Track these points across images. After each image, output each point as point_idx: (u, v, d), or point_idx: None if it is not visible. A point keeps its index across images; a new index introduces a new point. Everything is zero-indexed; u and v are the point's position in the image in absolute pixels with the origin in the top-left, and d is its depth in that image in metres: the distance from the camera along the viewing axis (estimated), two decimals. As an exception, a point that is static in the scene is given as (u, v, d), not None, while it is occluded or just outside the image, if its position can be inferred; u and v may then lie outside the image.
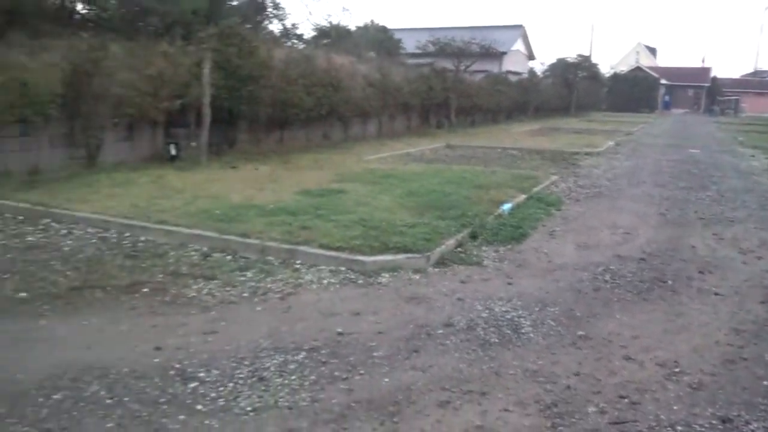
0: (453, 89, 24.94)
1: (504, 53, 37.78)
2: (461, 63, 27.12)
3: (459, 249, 6.74)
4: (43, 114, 9.64)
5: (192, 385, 3.68)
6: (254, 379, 3.79)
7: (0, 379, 3.67)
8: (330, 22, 29.49)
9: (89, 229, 7.07)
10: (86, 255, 6.15)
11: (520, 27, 44.92)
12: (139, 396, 3.53)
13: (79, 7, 18.87)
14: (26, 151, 9.88)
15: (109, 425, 3.24)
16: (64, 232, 7.00)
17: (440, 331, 4.61)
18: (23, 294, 5.07)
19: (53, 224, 7.28)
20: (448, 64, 26.31)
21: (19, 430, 3.18)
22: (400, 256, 6.12)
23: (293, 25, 27.36)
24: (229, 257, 6.18)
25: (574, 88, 44.87)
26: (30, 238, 6.72)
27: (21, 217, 7.54)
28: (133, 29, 16.67)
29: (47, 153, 10.14)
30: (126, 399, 3.50)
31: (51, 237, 6.81)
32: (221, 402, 3.52)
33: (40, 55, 10.74)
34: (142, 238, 6.75)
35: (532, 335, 4.61)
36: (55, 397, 3.51)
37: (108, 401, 3.47)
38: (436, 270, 6.08)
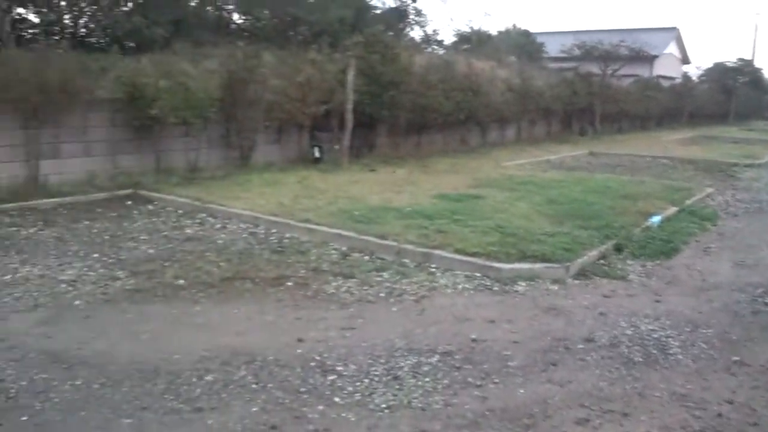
0: (598, 94, 23.89)
1: (655, 57, 35.52)
2: (608, 67, 25.90)
3: (602, 261, 6.44)
4: (203, 117, 10.46)
5: (330, 377, 3.81)
6: (389, 377, 3.86)
7: (160, 358, 4.01)
8: (471, 27, 29.37)
9: (241, 225, 7.58)
10: (237, 248, 6.59)
11: (673, 29, 42.09)
12: (282, 384, 3.72)
13: (236, 17, 20.32)
14: (187, 151, 10.77)
15: (254, 409, 3.44)
16: (218, 226, 7.55)
17: (580, 346, 4.43)
18: (181, 281, 5.52)
19: (209, 219, 7.87)
20: (593, 68, 25.24)
21: (175, 406, 3.46)
22: (538, 265, 5.95)
23: (434, 31, 27.56)
24: (366, 257, 6.35)
25: (733, 95, 41.25)
26: (188, 231, 7.31)
27: (181, 211, 8.24)
28: (284, 38, 17.67)
29: (205, 153, 10.99)
30: (270, 385, 3.69)
31: (207, 230, 7.36)
32: (357, 396, 3.61)
33: (201, 63, 11.69)
34: (288, 235, 7.11)
35: (681, 357, 4.29)
36: (207, 378, 3.78)
37: (254, 386, 3.69)
38: (576, 282, 5.85)
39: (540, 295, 5.44)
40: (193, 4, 18.21)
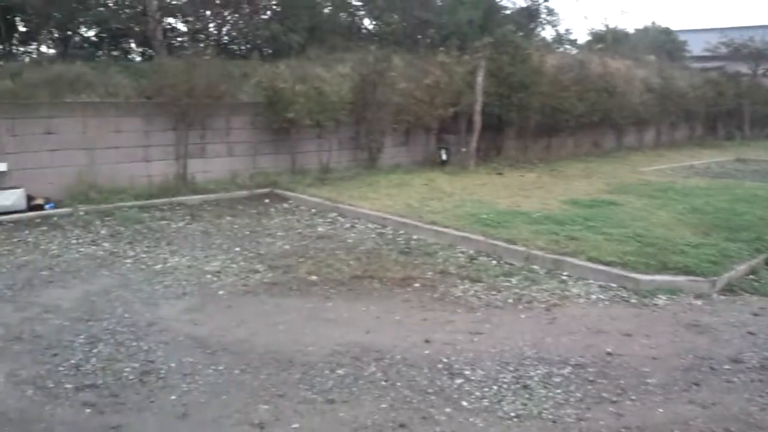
0: (748, 95, 21.99)
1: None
2: (759, 66, 23.78)
3: (751, 276, 5.93)
4: (335, 119, 10.82)
5: (458, 381, 3.79)
6: (518, 385, 3.77)
7: (295, 350, 4.19)
8: (606, 26, 28.14)
9: (369, 225, 7.75)
10: (366, 248, 6.74)
11: (838, 22, 37.83)
12: (410, 383, 3.75)
13: (366, 22, 20.82)
14: (319, 152, 11.18)
15: (383, 405, 3.50)
16: (348, 225, 7.77)
17: (726, 367, 4.09)
18: (314, 277, 5.74)
19: (339, 218, 8.13)
20: (741, 68, 23.27)
21: (309, 396, 3.59)
22: (681, 278, 5.57)
23: (567, 30, 26.73)
24: (494, 261, 6.26)
25: None
26: (320, 229, 7.59)
27: (314, 210, 8.56)
28: (413, 41, 17.85)
29: (336, 154, 11.36)
30: (398, 384, 3.74)
31: (337, 229, 7.60)
32: (485, 402, 3.57)
33: (333, 68, 12.10)
34: (415, 237, 7.18)
35: None
36: (338, 372, 3.89)
37: (383, 383, 3.75)
38: (723, 297, 5.42)
39: (682, 310, 5.09)
40: (327, 10, 18.89)
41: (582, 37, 28.44)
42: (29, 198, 8.19)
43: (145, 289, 5.33)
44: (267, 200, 9.25)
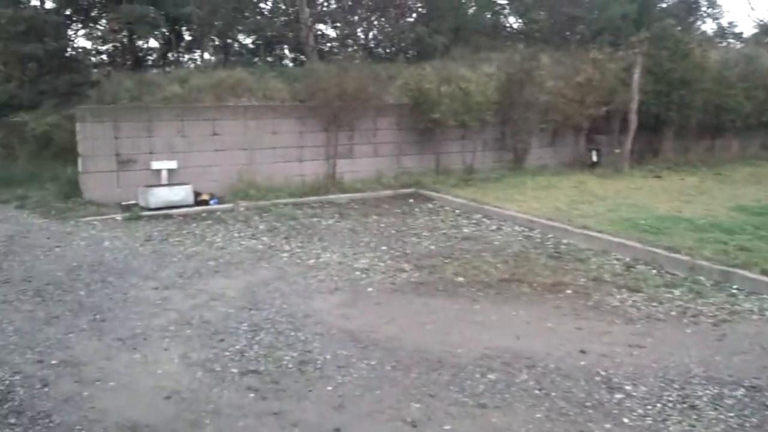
0: None
1: None
2: None
3: None
4: (480, 120, 10.70)
5: (618, 396, 3.58)
6: (684, 405, 3.49)
7: (444, 350, 4.17)
8: (778, 16, 25.47)
9: (516, 227, 7.58)
10: (513, 251, 6.59)
11: None
12: (566, 394, 3.60)
13: (511, 20, 20.44)
14: (463, 153, 11.13)
15: (537, 415, 3.38)
16: (493, 227, 7.65)
17: None
18: (461, 278, 5.70)
19: (484, 219, 8.03)
20: None
21: (460, 399, 3.56)
22: None
23: (730, 23, 24.57)
24: (653, 271, 5.86)
25: None
26: (465, 230, 7.54)
27: (458, 211, 8.53)
28: (561, 38, 17.27)
29: (480, 155, 11.24)
30: (553, 394, 3.60)
31: (482, 231, 7.51)
32: (648, 421, 3.34)
33: (478, 68, 11.99)
34: (564, 241, 6.91)
35: None
36: (489, 376, 3.82)
37: (536, 392, 3.63)
38: None
39: None
40: (471, 11, 18.81)
41: (748, 30, 25.92)
42: (196, 194, 8.90)
43: (300, 283, 5.58)
44: (411, 200, 9.36)
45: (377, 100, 10.63)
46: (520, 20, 19.82)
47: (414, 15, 18.33)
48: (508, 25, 20.20)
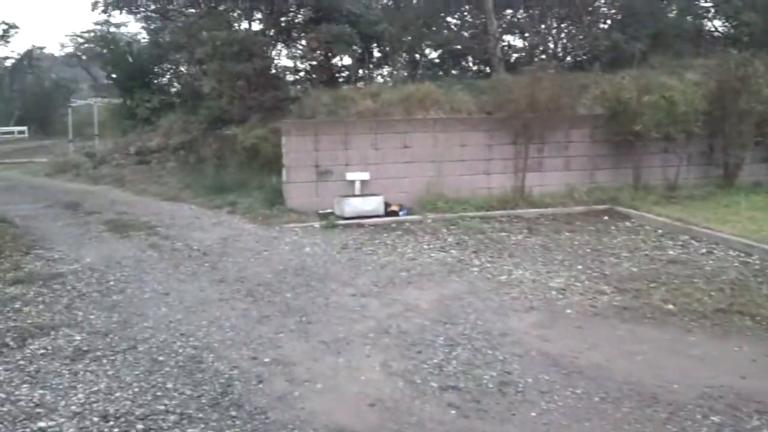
0: None
1: None
2: None
3: None
4: (687, 131, 9.82)
5: None
6: None
7: (657, 385, 3.83)
8: None
9: (730, 252, 6.83)
10: (729, 278, 5.93)
11: None
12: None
13: (717, 24, 18.62)
14: (665, 168, 10.30)
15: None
16: (703, 250, 6.96)
17: None
18: (670, 306, 5.23)
19: (692, 241, 7.34)
20: None
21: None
22: None
23: None
24: None
25: None
26: (671, 252, 6.94)
27: (660, 231, 7.89)
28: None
29: (684, 170, 10.31)
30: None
31: (691, 254, 6.86)
32: None
33: (682, 75, 11.03)
34: (792, 270, 6.09)
35: None
36: (712, 419, 3.44)
37: (772, 444, 3.19)
38: None
39: None
40: (671, 15, 17.49)
41: None
42: (386, 204, 9.19)
43: (493, 299, 5.48)
44: (606, 217, 8.84)
45: (570, 111, 10.22)
46: (726, 23, 18.04)
47: (608, 21, 17.47)
48: (713, 29, 18.47)
